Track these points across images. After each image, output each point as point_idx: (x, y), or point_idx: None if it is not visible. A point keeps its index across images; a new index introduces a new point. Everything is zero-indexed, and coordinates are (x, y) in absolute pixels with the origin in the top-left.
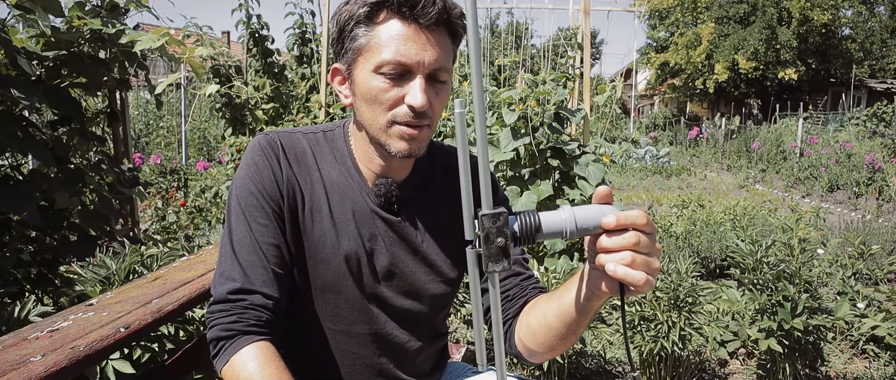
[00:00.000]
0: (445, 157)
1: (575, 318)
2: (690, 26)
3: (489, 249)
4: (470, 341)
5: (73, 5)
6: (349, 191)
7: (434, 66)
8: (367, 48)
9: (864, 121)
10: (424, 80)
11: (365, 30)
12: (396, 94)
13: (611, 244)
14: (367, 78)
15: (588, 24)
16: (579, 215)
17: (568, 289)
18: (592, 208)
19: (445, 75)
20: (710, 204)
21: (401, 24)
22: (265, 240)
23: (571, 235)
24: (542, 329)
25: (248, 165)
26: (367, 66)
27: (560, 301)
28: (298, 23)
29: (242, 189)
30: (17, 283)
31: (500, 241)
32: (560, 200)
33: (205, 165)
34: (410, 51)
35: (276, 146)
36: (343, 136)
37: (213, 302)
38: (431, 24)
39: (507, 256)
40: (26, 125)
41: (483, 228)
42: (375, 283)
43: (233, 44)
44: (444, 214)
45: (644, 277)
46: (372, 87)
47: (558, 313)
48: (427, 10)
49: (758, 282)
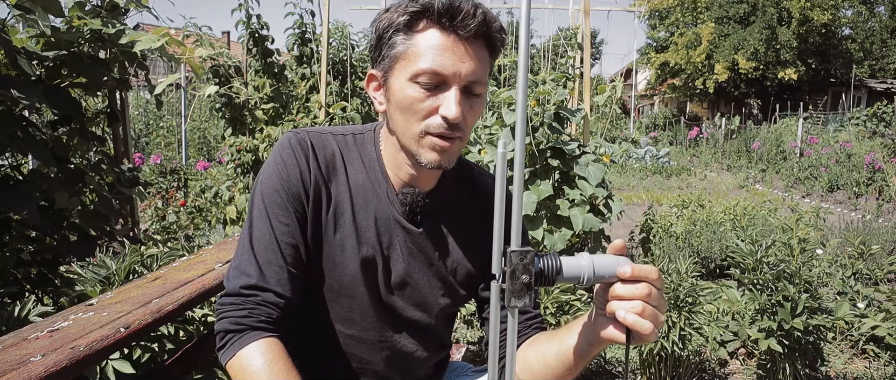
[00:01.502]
0: (473, 175)
1: (574, 361)
2: (690, 26)
3: (514, 285)
4: (470, 340)
5: (73, 5)
6: (373, 196)
7: (470, 79)
8: (405, 56)
9: (864, 121)
10: (460, 91)
11: (404, 38)
12: (431, 104)
13: (624, 292)
14: (402, 86)
15: (588, 24)
16: (597, 263)
17: (571, 331)
18: (609, 258)
19: (481, 88)
20: (710, 204)
21: (440, 34)
22: (285, 239)
23: (588, 281)
24: (540, 367)
25: (277, 161)
26: (403, 75)
27: (561, 342)
28: (298, 23)
29: (268, 185)
30: (17, 283)
31: (525, 278)
32: (560, 200)
33: (205, 165)
34: (447, 61)
35: (307, 146)
36: (373, 140)
37: (225, 294)
38: (470, 36)
39: (529, 293)
40: (26, 125)
41: (510, 263)
42: (388, 291)
43: (233, 44)
44: (464, 231)
45: (651, 328)
46: (407, 96)
47: (558, 353)
48: (467, 21)
49: (758, 282)
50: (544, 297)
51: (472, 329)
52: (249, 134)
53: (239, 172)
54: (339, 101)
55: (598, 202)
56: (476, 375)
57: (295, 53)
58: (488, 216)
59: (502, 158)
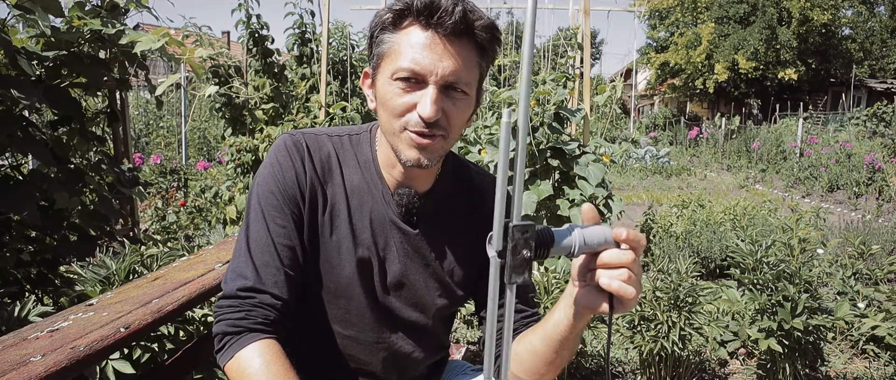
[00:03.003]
0: (470, 175)
1: (558, 340)
2: (690, 26)
3: (515, 260)
4: (470, 340)
5: (73, 5)
6: (369, 197)
7: (450, 78)
8: (388, 54)
9: (864, 121)
10: (437, 90)
11: (389, 36)
12: (409, 101)
13: (612, 260)
14: (384, 83)
15: (588, 24)
16: (586, 234)
17: (552, 313)
18: (595, 228)
19: (465, 87)
20: (710, 204)
21: (421, 31)
22: (281, 241)
23: (580, 250)
24: (528, 355)
25: (273, 164)
26: (386, 72)
27: (545, 325)
28: (298, 23)
29: (264, 188)
30: (17, 283)
31: (526, 252)
32: (560, 200)
33: (205, 165)
34: (425, 59)
35: (302, 147)
36: (369, 140)
37: (223, 297)
38: (450, 34)
39: (529, 269)
40: (26, 125)
41: (512, 238)
42: (385, 292)
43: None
44: (460, 232)
45: (634, 293)
46: (387, 93)
47: (543, 336)
48: (443, 18)
49: (758, 282)
50: (544, 297)
51: (472, 329)
52: (249, 134)
53: (239, 172)
54: (338, 101)
55: (599, 202)
56: (475, 374)
57: (295, 53)
58: (486, 217)
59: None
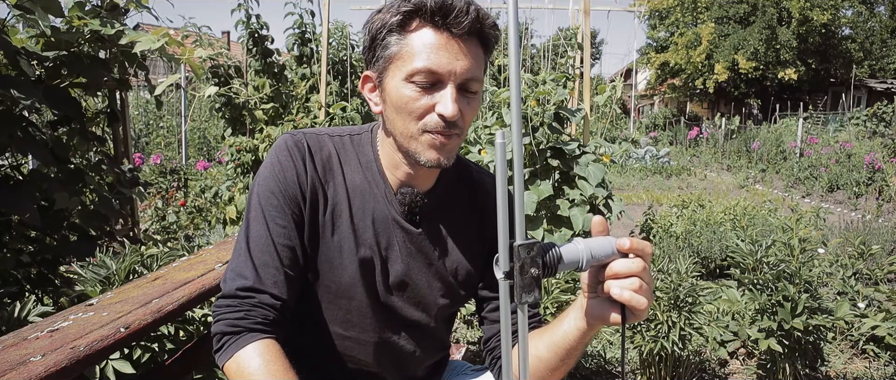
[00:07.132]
0: (472, 175)
1: (565, 350)
2: (690, 26)
3: (523, 280)
4: (470, 340)
5: (73, 5)
6: (371, 197)
7: (465, 76)
8: (399, 56)
9: (864, 121)
10: (455, 89)
11: (397, 38)
12: (427, 102)
13: (621, 269)
14: (398, 86)
15: (588, 24)
16: (593, 246)
17: (561, 321)
18: (600, 240)
19: (476, 85)
20: (710, 204)
21: (433, 32)
22: (281, 241)
23: (588, 264)
24: (533, 361)
25: (273, 164)
26: (398, 75)
27: (553, 334)
28: (298, 23)
29: (264, 188)
30: (17, 283)
31: (534, 271)
32: (560, 200)
33: (205, 165)
34: (442, 60)
35: (303, 147)
36: (370, 141)
37: (222, 296)
38: (464, 34)
39: (538, 287)
40: (26, 125)
41: (519, 258)
42: (387, 292)
43: (232, 44)
44: (463, 231)
45: (646, 303)
46: (403, 96)
47: (550, 344)
48: (460, 19)
49: (758, 282)
50: (544, 297)
51: (472, 329)
52: (249, 134)
53: (239, 172)
54: (338, 101)
55: (598, 202)
56: (475, 374)
57: (295, 53)
58: (488, 215)
59: (501, 149)
